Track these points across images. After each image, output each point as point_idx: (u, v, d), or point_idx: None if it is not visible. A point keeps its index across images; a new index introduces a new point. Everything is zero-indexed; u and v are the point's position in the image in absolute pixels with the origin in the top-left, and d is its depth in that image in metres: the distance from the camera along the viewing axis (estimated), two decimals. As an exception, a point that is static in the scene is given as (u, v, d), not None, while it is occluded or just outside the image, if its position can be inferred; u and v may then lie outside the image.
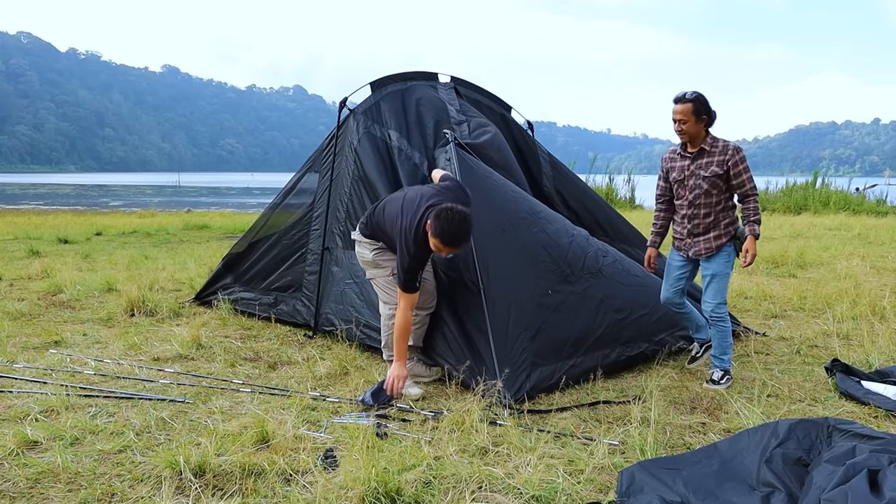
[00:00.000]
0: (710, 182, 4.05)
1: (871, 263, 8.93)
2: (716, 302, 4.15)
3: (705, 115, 4.00)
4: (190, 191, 52.21)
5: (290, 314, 5.60)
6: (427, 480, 2.85)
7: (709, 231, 4.14)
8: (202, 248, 11.50)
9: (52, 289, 7.21)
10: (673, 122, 4.05)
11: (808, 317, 6.03)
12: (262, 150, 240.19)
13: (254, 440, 3.22)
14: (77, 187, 57.04)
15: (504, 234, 4.36)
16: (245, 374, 4.44)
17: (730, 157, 4.01)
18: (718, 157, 4.03)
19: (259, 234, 6.06)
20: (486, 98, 5.77)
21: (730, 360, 4.23)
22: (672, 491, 2.62)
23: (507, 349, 3.94)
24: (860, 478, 2.30)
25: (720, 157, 4.03)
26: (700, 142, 4.06)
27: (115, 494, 2.78)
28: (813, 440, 2.79)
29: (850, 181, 22.03)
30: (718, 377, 4.19)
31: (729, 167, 4.01)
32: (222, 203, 33.11)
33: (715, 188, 4.06)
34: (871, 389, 3.89)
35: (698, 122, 4.00)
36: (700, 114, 3.98)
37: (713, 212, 4.12)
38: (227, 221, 17.28)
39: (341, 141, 5.34)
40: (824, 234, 13.03)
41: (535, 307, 4.19)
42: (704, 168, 4.05)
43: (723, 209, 4.12)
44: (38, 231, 14.03)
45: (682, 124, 4.01)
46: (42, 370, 4.45)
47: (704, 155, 4.06)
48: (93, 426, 3.46)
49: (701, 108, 3.98)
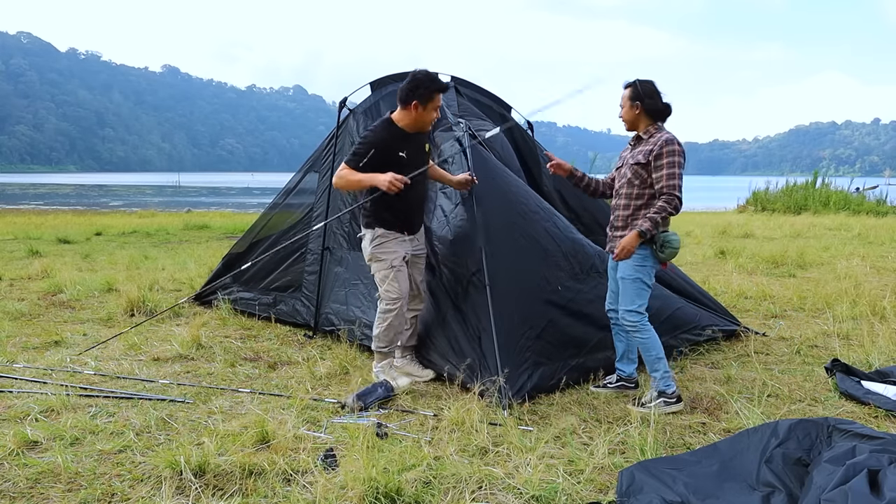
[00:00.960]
0: (633, 171, 3.85)
1: (871, 263, 8.93)
2: (624, 308, 3.82)
3: (639, 101, 3.87)
4: (190, 191, 52.22)
5: (290, 314, 5.60)
6: (427, 480, 2.85)
7: (626, 227, 3.86)
8: (202, 248, 11.51)
9: (52, 289, 7.22)
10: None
11: (808, 317, 6.02)
12: (262, 150, 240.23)
13: (254, 440, 3.21)
14: (77, 187, 57.04)
15: (513, 228, 4.33)
16: (245, 374, 4.44)
17: (656, 148, 3.75)
18: (646, 148, 3.84)
19: (259, 234, 6.07)
20: (487, 98, 5.77)
21: (664, 377, 3.78)
22: (672, 491, 2.62)
23: (511, 347, 3.93)
24: (860, 478, 2.30)
25: (647, 147, 3.83)
26: (640, 130, 3.94)
27: (115, 494, 2.78)
28: (813, 440, 2.79)
29: (851, 181, 22.05)
30: (647, 399, 3.81)
31: (651, 158, 3.76)
32: (222, 203, 33.13)
33: (637, 178, 3.84)
34: (871, 389, 3.89)
35: (633, 108, 3.89)
36: (634, 100, 3.88)
37: (632, 204, 3.87)
38: (227, 221, 17.29)
39: (341, 141, 5.34)
40: (824, 234, 13.03)
41: (542, 304, 4.17)
42: (634, 156, 3.90)
43: (643, 206, 3.82)
44: (38, 231, 14.04)
45: (621, 108, 3.97)
46: (42, 370, 4.45)
47: (640, 143, 3.93)
48: (93, 426, 3.46)
49: (636, 95, 3.87)
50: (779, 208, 19.25)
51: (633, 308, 3.79)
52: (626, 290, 3.82)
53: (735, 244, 10.90)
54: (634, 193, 3.84)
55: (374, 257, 4.17)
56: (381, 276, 4.17)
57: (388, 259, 4.13)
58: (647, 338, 3.80)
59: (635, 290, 3.80)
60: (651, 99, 3.86)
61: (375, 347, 4.22)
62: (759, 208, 19.95)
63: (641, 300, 3.81)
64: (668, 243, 3.74)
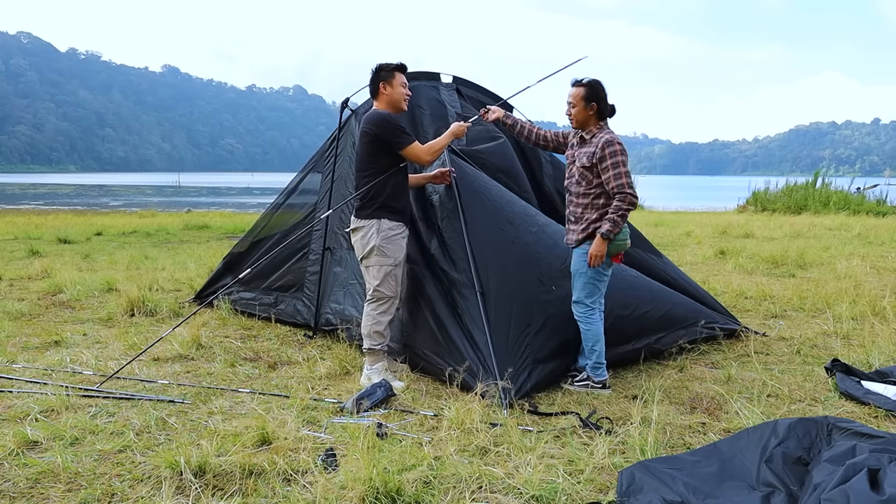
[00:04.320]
0: (580, 172, 3.97)
1: (871, 263, 8.93)
2: (573, 299, 4.07)
3: (594, 102, 3.91)
4: (190, 191, 52.21)
5: (291, 314, 5.60)
6: (427, 480, 2.85)
7: (577, 222, 4.03)
8: (202, 248, 11.51)
9: (52, 289, 7.22)
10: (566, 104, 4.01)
11: (808, 317, 6.03)
12: (262, 150, 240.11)
13: (254, 440, 3.21)
14: (77, 187, 57.04)
15: (503, 234, 4.37)
16: (245, 374, 4.44)
17: (598, 150, 3.85)
18: (589, 150, 3.91)
19: (260, 234, 6.07)
20: (488, 98, 5.77)
21: (595, 366, 4.03)
22: (672, 491, 2.62)
23: (508, 348, 3.94)
24: (860, 477, 2.30)
25: (590, 149, 3.91)
26: (586, 130, 3.99)
27: (115, 494, 2.78)
28: (813, 439, 2.79)
29: (851, 181, 22.04)
30: (579, 379, 4.08)
31: (596, 161, 3.87)
32: (222, 203, 33.11)
33: (584, 179, 3.96)
34: (871, 389, 3.89)
35: (587, 109, 3.93)
36: (590, 100, 3.91)
37: (581, 204, 4.00)
38: (227, 221, 17.28)
39: (343, 141, 5.34)
40: (824, 234, 13.03)
41: (538, 304, 4.19)
42: (579, 158, 3.97)
43: (589, 205, 3.96)
44: (38, 231, 14.04)
45: (572, 108, 3.97)
46: (42, 370, 4.45)
47: (585, 144, 3.99)
48: (93, 426, 3.46)
49: (591, 96, 3.91)
50: (779, 208, 19.25)
51: (581, 300, 4.03)
52: (575, 283, 4.06)
53: (735, 244, 10.90)
54: (582, 192, 4.01)
55: (380, 251, 4.08)
56: (380, 272, 4.10)
57: (393, 255, 4.11)
58: (589, 329, 4.03)
59: (583, 283, 4.01)
60: (603, 101, 3.94)
61: (369, 346, 4.16)
62: (759, 208, 19.95)
63: (590, 293, 4.01)
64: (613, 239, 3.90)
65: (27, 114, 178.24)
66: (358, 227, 4.18)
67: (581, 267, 4.00)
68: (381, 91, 4.20)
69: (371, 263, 4.14)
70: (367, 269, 4.19)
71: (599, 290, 4.04)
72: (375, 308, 4.15)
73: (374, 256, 4.12)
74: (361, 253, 4.18)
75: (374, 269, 4.13)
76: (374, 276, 4.14)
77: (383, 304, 4.13)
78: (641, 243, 5.40)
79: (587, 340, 4.05)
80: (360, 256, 4.22)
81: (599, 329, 4.04)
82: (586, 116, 3.96)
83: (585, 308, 4.03)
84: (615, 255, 3.99)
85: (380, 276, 4.12)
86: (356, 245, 4.23)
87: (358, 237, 4.19)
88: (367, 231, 4.12)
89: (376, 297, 4.14)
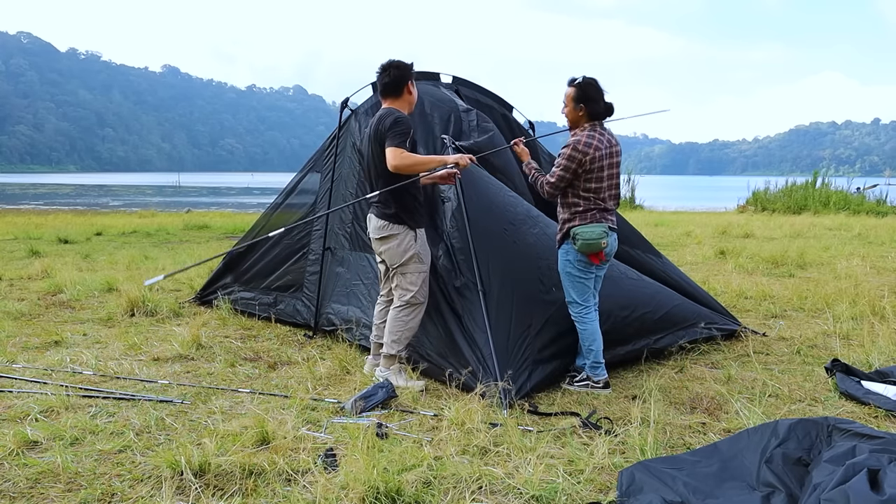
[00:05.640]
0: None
1: (871, 263, 8.93)
2: (566, 300, 4.12)
3: (583, 104, 3.94)
4: (190, 191, 52.19)
5: (290, 314, 5.60)
6: (427, 480, 2.85)
7: (559, 223, 4.14)
8: (202, 248, 11.51)
9: (52, 289, 7.22)
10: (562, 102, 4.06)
11: (808, 317, 6.03)
12: (262, 150, 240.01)
13: (254, 440, 3.21)
14: (77, 187, 57.02)
15: (505, 235, 4.38)
16: (245, 374, 4.44)
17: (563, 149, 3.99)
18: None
19: (260, 234, 6.06)
20: (488, 98, 5.77)
21: (593, 365, 4.05)
22: (672, 491, 2.62)
23: (509, 348, 3.94)
24: (860, 477, 2.30)
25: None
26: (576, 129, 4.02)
27: (115, 494, 2.78)
28: (813, 439, 2.79)
29: (851, 181, 22.03)
30: (576, 378, 4.11)
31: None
32: (222, 203, 33.10)
33: None
34: (871, 389, 3.89)
35: (576, 110, 3.97)
36: (579, 101, 3.95)
37: (559, 201, 4.09)
38: (227, 221, 17.28)
39: (343, 141, 5.34)
40: (824, 234, 13.03)
41: (538, 305, 4.19)
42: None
43: (563, 204, 4.05)
44: (38, 231, 14.03)
45: (564, 107, 4.02)
46: (42, 370, 4.45)
47: None
48: (93, 426, 3.46)
49: (581, 97, 3.95)
50: (779, 208, 19.25)
51: (574, 300, 4.07)
52: (563, 284, 4.13)
53: (735, 244, 10.90)
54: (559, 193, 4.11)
55: (419, 258, 4.08)
56: (418, 278, 4.09)
57: (427, 261, 4.13)
58: (585, 328, 4.06)
59: (568, 282, 4.08)
60: (595, 102, 3.96)
61: (390, 351, 4.11)
62: (759, 208, 19.95)
63: (577, 292, 4.06)
64: (577, 236, 3.94)
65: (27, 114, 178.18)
66: (392, 234, 4.06)
67: (565, 266, 4.08)
68: (406, 90, 4.11)
69: (410, 270, 4.08)
70: (403, 276, 4.08)
71: (588, 287, 4.07)
72: (409, 313, 4.09)
73: (413, 263, 4.07)
74: (399, 260, 4.06)
75: (412, 275, 4.08)
76: (412, 282, 4.08)
77: (416, 309, 4.10)
78: (641, 244, 5.40)
79: (584, 340, 4.08)
80: (395, 264, 4.08)
81: (595, 328, 4.07)
82: (576, 116, 4.00)
83: (580, 307, 4.07)
84: (593, 255, 3.98)
85: (418, 283, 4.09)
86: (389, 252, 4.09)
87: (393, 244, 4.06)
88: (404, 238, 4.05)
89: (412, 302, 4.09)
